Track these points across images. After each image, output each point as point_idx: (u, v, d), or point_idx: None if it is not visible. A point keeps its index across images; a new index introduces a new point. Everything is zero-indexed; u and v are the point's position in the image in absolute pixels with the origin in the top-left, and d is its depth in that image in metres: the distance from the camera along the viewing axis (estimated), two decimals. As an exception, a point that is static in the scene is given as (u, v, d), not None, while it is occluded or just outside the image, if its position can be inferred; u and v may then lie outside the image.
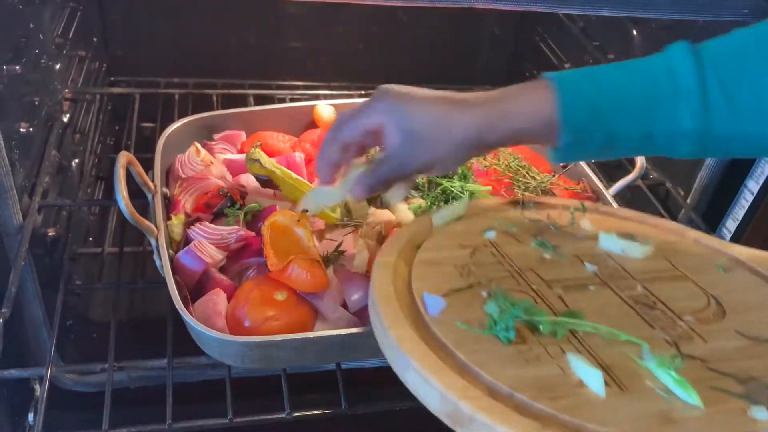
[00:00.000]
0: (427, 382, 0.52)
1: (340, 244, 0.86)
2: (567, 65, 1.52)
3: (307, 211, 0.84)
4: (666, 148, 0.69)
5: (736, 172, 1.03)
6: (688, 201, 1.10)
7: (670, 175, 1.16)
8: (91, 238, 1.28)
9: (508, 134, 0.69)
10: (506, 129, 0.68)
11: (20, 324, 0.97)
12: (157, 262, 0.81)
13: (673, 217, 1.12)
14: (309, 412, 0.79)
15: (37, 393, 1.01)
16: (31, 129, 0.97)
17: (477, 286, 0.64)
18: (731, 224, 1.05)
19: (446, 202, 0.95)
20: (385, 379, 1.10)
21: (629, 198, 1.23)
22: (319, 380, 0.93)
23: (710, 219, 1.07)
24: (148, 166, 0.94)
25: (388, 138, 0.69)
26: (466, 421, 0.50)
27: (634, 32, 1.25)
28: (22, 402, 0.99)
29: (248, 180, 0.96)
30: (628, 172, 1.05)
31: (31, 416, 1.00)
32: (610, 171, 1.26)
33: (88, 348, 1.11)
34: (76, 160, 1.21)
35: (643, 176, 1.16)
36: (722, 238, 1.06)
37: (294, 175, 0.93)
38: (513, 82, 0.74)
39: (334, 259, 0.85)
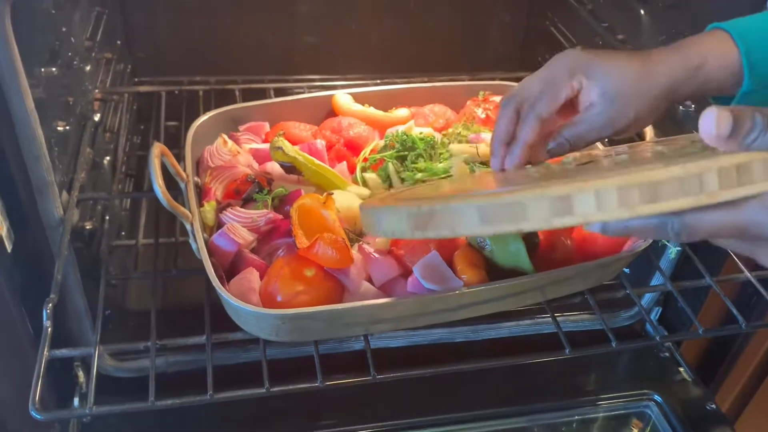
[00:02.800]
0: (395, 211, 0.64)
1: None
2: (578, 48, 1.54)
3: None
4: None
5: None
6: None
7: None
8: (123, 233, 1.34)
9: (698, 86, 0.70)
10: (696, 81, 0.70)
11: (64, 313, 1.03)
12: (193, 246, 0.86)
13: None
14: (340, 381, 0.84)
15: (81, 379, 1.07)
16: (67, 127, 1.03)
17: None
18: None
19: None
20: (409, 357, 1.16)
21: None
22: (348, 360, 0.98)
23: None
24: (176, 160, 0.99)
25: (587, 100, 0.70)
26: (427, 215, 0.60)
27: (642, 11, 1.28)
28: (66, 389, 1.05)
29: (273, 167, 1.01)
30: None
31: (76, 401, 1.06)
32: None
33: (126, 336, 1.17)
34: (108, 158, 1.27)
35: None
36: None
37: (316, 161, 0.98)
38: (525, 68, 0.77)
39: (357, 237, 0.89)
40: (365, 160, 1.02)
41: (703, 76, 0.70)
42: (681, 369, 1.25)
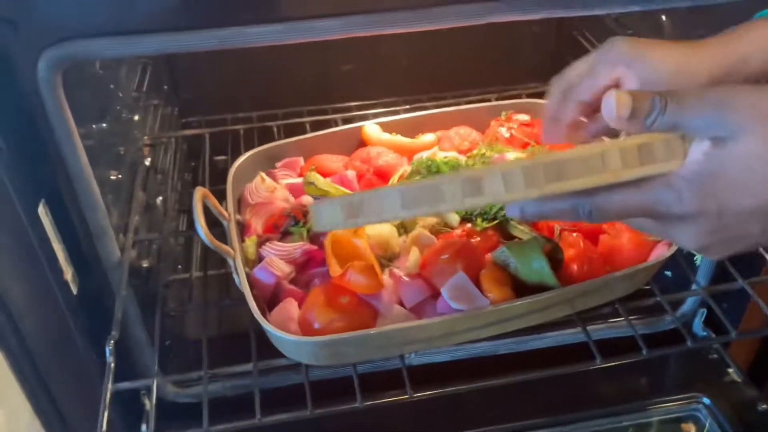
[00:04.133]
0: (331, 203, 0.67)
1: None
2: (606, 55, 1.56)
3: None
4: None
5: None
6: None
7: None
8: (179, 266, 1.43)
9: (745, 75, 0.69)
10: (743, 71, 0.69)
11: (126, 346, 1.11)
12: (236, 280, 0.92)
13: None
14: (378, 401, 0.88)
15: (147, 407, 1.15)
16: (119, 175, 1.11)
17: None
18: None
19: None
20: (449, 371, 1.19)
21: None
22: (388, 379, 1.02)
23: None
24: (222, 196, 1.07)
25: (628, 88, 0.69)
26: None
27: (663, 18, 1.29)
28: (135, 415, 1.13)
29: (308, 200, 1.07)
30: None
31: (144, 427, 1.14)
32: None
33: (187, 364, 1.24)
34: (160, 198, 1.36)
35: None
36: None
37: (347, 191, 1.04)
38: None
39: (387, 263, 0.94)
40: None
41: (750, 68, 0.69)
42: (730, 370, 1.24)
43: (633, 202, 0.57)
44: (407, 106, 1.47)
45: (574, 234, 0.95)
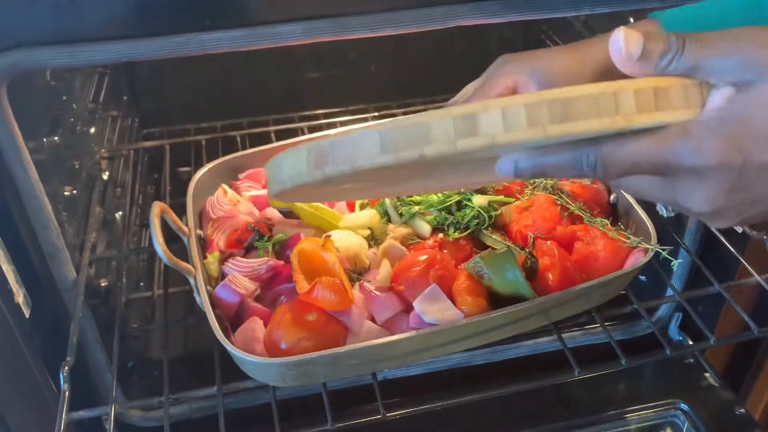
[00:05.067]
0: (295, 152, 0.56)
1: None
2: (574, 59, 1.55)
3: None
4: None
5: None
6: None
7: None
8: (142, 283, 1.38)
9: None
10: None
11: (85, 369, 1.06)
12: (197, 299, 0.88)
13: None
14: (349, 422, 0.85)
15: (110, 432, 1.10)
16: (74, 191, 1.06)
17: None
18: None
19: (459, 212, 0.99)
20: (422, 384, 1.16)
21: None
22: (359, 394, 0.99)
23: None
24: (184, 209, 1.02)
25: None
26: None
27: (631, 20, 1.28)
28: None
29: (273, 213, 1.03)
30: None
31: (106, 454, 1.09)
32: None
33: (151, 385, 1.19)
34: (120, 213, 1.31)
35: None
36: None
37: (314, 203, 1.00)
38: None
39: (357, 276, 0.91)
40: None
41: None
42: (707, 374, 1.24)
43: (646, 152, 0.50)
44: (375, 113, 1.44)
45: (548, 242, 0.93)
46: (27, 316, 0.92)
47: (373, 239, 0.99)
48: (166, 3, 0.79)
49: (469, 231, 0.96)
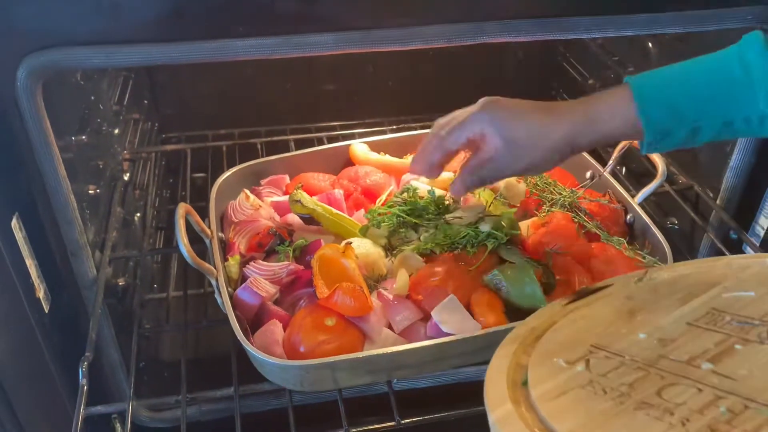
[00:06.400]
0: None
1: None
2: (590, 81, 1.57)
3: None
4: (749, 130, 0.74)
5: (762, 170, 1.06)
6: (718, 202, 1.13)
7: (698, 179, 1.19)
8: (155, 285, 1.39)
9: (596, 138, 0.77)
10: (594, 133, 0.77)
11: (100, 367, 1.07)
12: (218, 300, 0.89)
13: (705, 219, 1.15)
14: (365, 428, 0.85)
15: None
16: (98, 190, 1.08)
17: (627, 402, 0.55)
18: (764, 221, 1.08)
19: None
20: (434, 396, 1.16)
21: (660, 204, 1.27)
22: (373, 404, 0.99)
23: (742, 219, 1.10)
24: (202, 214, 1.03)
25: (491, 145, 0.79)
26: None
27: (650, 44, 1.30)
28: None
29: (294, 218, 1.04)
30: (655, 177, 1.08)
31: (114, 454, 1.09)
32: (639, 178, 1.30)
33: (161, 387, 1.20)
34: (138, 214, 1.32)
35: (671, 181, 1.20)
36: (756, 236, 1.09)
37: (334, 210, 1.01)
38: None
39: (374, 284, 0.92)
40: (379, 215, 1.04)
41: (602, 130, 0.76)
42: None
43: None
44: (393, 127, 1.46)
45: (566, 258, 0.94)
46: (46, 311, 0.93)
47: (391, 248, 1.00)
48: (202, 9, 0.81)
49: (487, 249, 0.96)
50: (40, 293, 0.92)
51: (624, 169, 1.39)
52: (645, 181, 1.21)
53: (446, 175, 1.11)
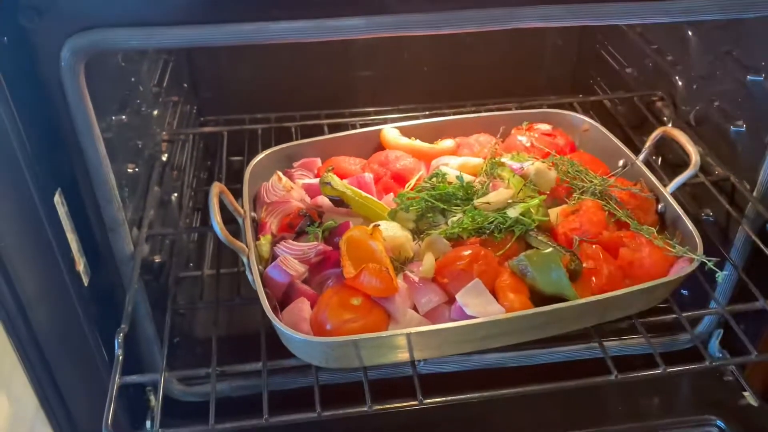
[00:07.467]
0: None
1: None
2: (628, 70, 1.55)
3: None
4: None
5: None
6: (755, 194, 1.11)
7: (735, 170, 1.17)
8: (191, 264, 1.42)
9: None
10: None
11: (135, 341, 1.10)
12: (249, 277, 0.92)
13: (740, 211, 1.13)
14: (387, 405, 0.87)
15: (152, 403, 1.14)
16: (136, 169, 1.11)
17: None
18: (800, 214, 1.06)
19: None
20: (460, 381, 1.17)
21: (694, 195, 1.25)
22: (399, 385, 1.01)
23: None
24: (237, 195, 1.06)
25: None
26: None
27: (689, 32, 1.28)
28: (134, 412, 1.12)
29: (324, 201, 1.06)
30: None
31: (148, 423, 1.13)
32: (674, 168, 1.28)
33: (193, 362, 1.23)
34: (175, 194, 1.36)
35: (707, 172, 1.18)
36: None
37: (363, 193, 1.03)
38: (578, 90, 0.80)
39: (401, 266, 0.93)
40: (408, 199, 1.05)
41: None
42: (746, 393, 1.22)
43: None
44: (426, 112, 1.46)
45: (594, 246, 0.94)
46: (86, 284, 0.97)
47: (418, 231, 1.01)
48: (237, -8, 0.82)
49: (514, 235, 0.97)
50: (80, 267, 0.96)
51: (660, 160, 1.37)
52: (680, 171, 1.19)
53: (475, 161, 1.12)
